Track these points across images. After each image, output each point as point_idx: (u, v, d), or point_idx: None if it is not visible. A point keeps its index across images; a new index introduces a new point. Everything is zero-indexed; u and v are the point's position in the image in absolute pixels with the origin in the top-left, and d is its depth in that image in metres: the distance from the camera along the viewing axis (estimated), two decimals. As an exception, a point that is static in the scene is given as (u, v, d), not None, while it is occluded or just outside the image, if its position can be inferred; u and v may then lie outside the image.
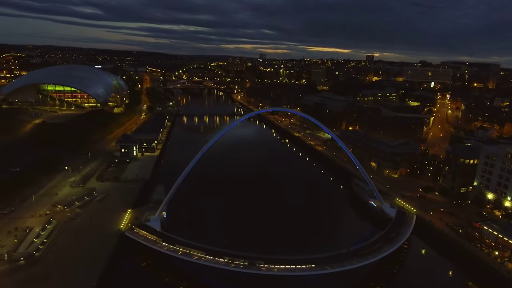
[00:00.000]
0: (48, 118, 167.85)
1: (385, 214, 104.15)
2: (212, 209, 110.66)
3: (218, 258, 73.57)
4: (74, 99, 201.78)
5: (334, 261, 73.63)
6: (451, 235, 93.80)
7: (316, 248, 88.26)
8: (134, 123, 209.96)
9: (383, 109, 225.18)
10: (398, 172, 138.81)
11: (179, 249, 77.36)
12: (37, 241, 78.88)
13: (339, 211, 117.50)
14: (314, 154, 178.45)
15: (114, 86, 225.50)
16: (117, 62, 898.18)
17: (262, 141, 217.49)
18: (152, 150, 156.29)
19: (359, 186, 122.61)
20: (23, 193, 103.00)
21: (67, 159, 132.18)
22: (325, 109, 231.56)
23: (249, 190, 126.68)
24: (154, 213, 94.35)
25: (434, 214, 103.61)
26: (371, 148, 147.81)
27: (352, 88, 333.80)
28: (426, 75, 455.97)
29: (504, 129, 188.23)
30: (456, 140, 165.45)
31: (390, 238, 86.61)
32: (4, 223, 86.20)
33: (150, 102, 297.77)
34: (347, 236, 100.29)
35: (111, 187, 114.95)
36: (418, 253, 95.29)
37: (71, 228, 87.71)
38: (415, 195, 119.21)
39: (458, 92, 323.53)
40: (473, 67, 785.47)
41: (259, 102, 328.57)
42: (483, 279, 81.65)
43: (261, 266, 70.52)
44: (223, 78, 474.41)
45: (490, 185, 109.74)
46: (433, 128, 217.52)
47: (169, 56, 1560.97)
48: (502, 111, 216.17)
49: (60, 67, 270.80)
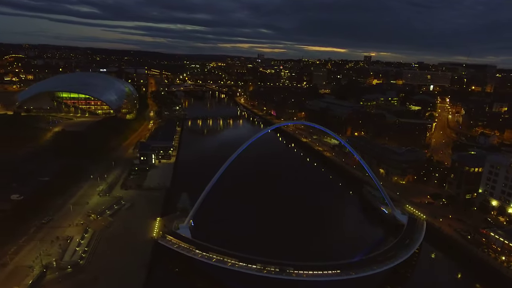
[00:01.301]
0: (66, 126, 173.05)
1: (397, 221, 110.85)
2: (233, 215, 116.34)
3: (251, 264, 79.73)
4: (87, 106, 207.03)
5: (357, 267, 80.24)
6: (460, 240, 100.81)
7: (337, 253, 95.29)
8: (145, 129, 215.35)
9: (387, 114, 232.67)
10: (406, 179, 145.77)
11: (213, 256, 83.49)
12: (79, 249, 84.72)
13: (353, 217, 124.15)
14: (323, 160, 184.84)
15: (126, 93, 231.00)
16: (116, 63, 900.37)
17: (269, 147, 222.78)
18: (168, 157, 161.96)
19: (371, 193, 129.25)
20: (55, 202, 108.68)
21: (90, 167, 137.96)
22: (330, 115, 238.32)
23: (263, 196, 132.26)
24: (182, 221, 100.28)
25: (443, 221, 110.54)
26: (379, 155, 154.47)
27: (354, 92, 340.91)
28: (425, 78, 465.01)
29: (504, 136, 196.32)
30: (459, 147, 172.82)
31: (405, 244, 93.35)
32: (45, 232, 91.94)
33: (157, 106, 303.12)
34: (363, 242, 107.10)
35: (136, 195, 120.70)
36: (429, 257, 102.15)
37: (107, 236, 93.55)
38: (423, 202, 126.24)
39: (458, 96, 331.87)
40: (470, 69, 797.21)
41: (263, 106, 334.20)
42: (490, 282, 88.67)
43: (292, 272, 76.88)
44: (226, 81, 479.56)
45: (495, 192, 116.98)
46: (435, 133, 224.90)
47: (166, 56, 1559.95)
48: (502, 117, 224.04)
49: (73, 75, 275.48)
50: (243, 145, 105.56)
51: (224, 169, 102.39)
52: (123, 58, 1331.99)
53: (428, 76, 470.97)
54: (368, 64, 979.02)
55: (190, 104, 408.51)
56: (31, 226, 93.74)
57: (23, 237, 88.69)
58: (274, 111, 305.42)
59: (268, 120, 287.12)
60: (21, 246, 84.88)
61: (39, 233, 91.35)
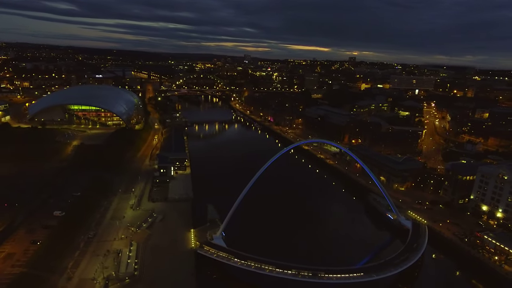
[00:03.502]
0: (83, 139, 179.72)
1: (402, 226, 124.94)
2: (254, 224, 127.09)
3: (287, 270, 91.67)
4: (98, 118, 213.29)
5: (377, 270, 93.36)
6: (458, 243, 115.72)
7: (353, 257, 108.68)
8: (153, 138, 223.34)
9: (381, 121, 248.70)
10: (405, 186, 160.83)
11: (251, 263, 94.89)
12: (131, 261, 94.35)
13: (362, 223, 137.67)
14: (325, 167, 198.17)
15: (135, 104, 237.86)
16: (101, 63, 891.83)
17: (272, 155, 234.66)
18: (184, 168, 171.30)
19: (376, 200, 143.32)
20: (94, 216, 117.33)
21: (114, 180, 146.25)
22: (328, 122, 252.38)
23: (276, 204, 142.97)
24: (214, 232, 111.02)
25: (442, 225, 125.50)
26: (381, 164, 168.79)
27: (346, 98, 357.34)
28: (411, 83, 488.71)
29: (488, 143, 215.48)
30: (449, 154, 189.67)
31: (414, 247, 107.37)
32: (95, 246, 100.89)
33: (158, 113, 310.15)
34: (374, 246, 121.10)
35: (165, 208, 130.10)
36: (431, 258, 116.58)
37: (150, 248, 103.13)
38: (423, 207, 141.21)
39: (443, 102, 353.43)
40: (450, 70, 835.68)
41: (260, 112, 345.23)
42: (485, 279, 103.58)
43: (323, 276, 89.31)
44: (220, 86, 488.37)
45: (485, 198, 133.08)
46: (425, 140, 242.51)
47: (150, 55, 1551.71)
48: (485, 124, 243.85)
49: (83, 88, 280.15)
50: (265, 165, 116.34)
51: (250, 185, 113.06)
52: (106, 57, 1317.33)
53: (414, 81, 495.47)
54: (353, 65, 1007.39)
55: (186, 108, 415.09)
56: (80, 240, 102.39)
57: (76, 251, 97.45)
58: (272, 117, 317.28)
59: (267, 126, 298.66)
60: (77, 259, 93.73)
61: (89, 247, 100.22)
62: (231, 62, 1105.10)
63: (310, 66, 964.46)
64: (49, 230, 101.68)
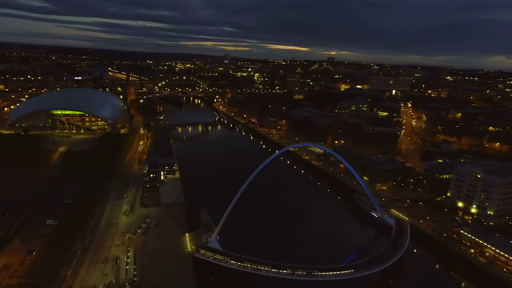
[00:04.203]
0: (68, 145, 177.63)
1: (386, 223, 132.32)
2: (245, 226, 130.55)
3: (282, 270, 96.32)
4: (82, 123, 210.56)
5: (366, 266, 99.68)
6: (437, 238, 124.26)
7: (343, 255, 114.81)
8: (138, 142, 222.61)
9: (362, 122, 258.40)
10: (387, 185, 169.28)
11: (248, 265, 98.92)
12: (129, 268, 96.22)
13: (349, 222, 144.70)
14: (311, 168, 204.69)
15: (120, 108, 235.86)
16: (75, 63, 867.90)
17: (256, 156, 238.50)
18: (173, 172, 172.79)
19: (361, 200, 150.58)
20: (88, 224, 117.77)
21: (105, 186, 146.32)
22: (312, 124, 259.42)
23: (262, 206, 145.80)
24: (209, 236, 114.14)
25: (423, 222, 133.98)
26: (364, 164, 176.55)
27: (328, 99, 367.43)
28: (388, 84, 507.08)
29: (462, 142, 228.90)
30: (426, 154, 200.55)
31: (398, 244, 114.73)
32: (92, 253, 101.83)
33: (141, 116, 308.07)
34: (361, 242, 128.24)
35: (158, 213, 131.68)
36: (412, 253, 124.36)
37: (147, 254, 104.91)
38: (404, 205, 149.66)
39: (419, 102, 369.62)
40: (424, 71, 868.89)
41: (244, 113, 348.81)
42: (462, 270, 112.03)
43: (317, 274, 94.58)
44: (202, 87, 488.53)
45: (461, 196, 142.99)
46: (403, 139, 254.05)
47: (127, 54, 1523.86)
48: (458, 124, 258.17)
49: (66, 92, 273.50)
50: (257, 169, 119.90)
51: (243, 189, 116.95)
52: (81, 56, 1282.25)
53: (391, 82, 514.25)
54: (332, 65, 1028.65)
55: (168, 110, 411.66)
56: (76, 248, 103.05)
57: (74, 259, 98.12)
58: (256, 119, 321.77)
59: (252, 128, 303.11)
60: (76, 268, 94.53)
61: (86, 254, 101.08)
62: (211, 62, 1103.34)
63: (290, 66, 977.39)
64: (44, 240, 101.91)
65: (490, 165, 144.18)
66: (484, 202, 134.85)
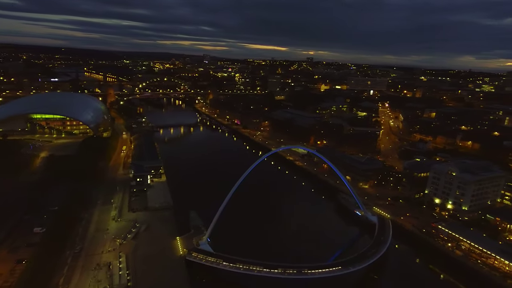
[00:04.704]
0: (50, 150, 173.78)
1: (369, 221, 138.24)
2: (233, 227, 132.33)
3: (273, 269, 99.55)
4: (63, 127, 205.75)
5: (353, 262, 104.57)
6: (417, 233, 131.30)
7: (330, 252, 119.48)
8: (121, 145, 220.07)
9: (343, 123, 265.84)
10: (368, 184, 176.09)
11: (240, 266, 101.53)
12: (122, 273, 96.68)
13: (334, 221, 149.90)
14: (295, 168, 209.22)
15: (102, 111, 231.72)
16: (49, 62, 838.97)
17: (244, 157, 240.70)
18: (159, 176, 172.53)
19: (345, 199, 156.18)
20: (77, 230, 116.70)
21: (91, 192, 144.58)
22: (295, 124, 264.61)
23: (249, 207, 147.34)
24: (200, 238, 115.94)
25: (403, 218, 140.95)
26: (347, 164, 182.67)
27: (309, 100, 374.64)
28: (366, 84, 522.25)
29: (437, 141, 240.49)
30: (404, 153, 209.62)
31: (382, 240, 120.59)
32: (83, 261, 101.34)
33: (122, 119, 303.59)
34: (346, 240, 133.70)
35: (147, 217, 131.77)
36: (394, 248, 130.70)
37: (139, 258, 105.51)
38: (385, 203, 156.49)
39: (395, 102, 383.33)
40: (399, 71, 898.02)
41: (226, 115, 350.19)
42: (440, 263, 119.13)
43: (307, 272, 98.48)
44: (183, 88, 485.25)
45: (437, 192, 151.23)
46: (382, 139, 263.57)
47: (103, 53, 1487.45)
48: (433, 124, 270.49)
49: (46, 95, 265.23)
50: (245, 173, 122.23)
51: (233, 191, 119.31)
52: (54, 56, 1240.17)
53: (369, 82, 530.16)
54: (311, 65, 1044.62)
55: (148, 112, 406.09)
56: (66, 256, 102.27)
57: (65, 266, 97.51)
58: (238, 120, 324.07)
59: (235, 129, 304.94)
60: (68, 275, 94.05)
61: (78, 261, 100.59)
62: (190, 62, 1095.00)
63: (270, 66, 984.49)
64: (33, 248, 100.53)
65: (463, 163, 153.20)
66: (459, 198, 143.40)
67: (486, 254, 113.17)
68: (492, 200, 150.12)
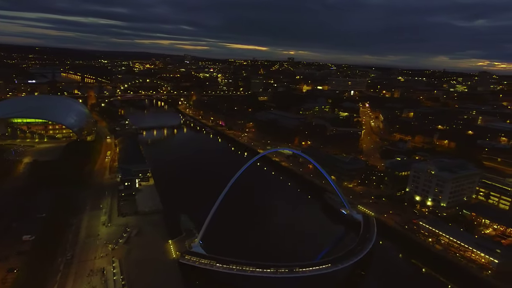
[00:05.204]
0: (33, 155, 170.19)
1: (354, 219, 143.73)
2: (223, 229, 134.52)
3: (266, 269, 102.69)
4: (45, 131, 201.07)
5: (341, 260, 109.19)
6: (400, 229, 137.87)
7: (318, 250, 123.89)
8: (106, 149, 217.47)
9: (326, 123, 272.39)
10: (352, 183, 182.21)
11: (233, 267, 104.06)
12: (117, 278, 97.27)
13: (321, 219, 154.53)
14: (281, 169, 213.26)
15: (86, 114, 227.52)
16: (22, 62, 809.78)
17: (231, 159, 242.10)
18: (147, 179, 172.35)
19: (331, 198, 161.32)
20: (67, 237, 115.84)
21: (79, 197, 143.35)
22: (279, 126, 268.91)
23: (236, 208, 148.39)
24: (192, 241, 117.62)
25: (387, 216, 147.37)
26: (331, 164, 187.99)
27: (292, 101, 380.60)
28: (347, 84, 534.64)
29: (415, 140, 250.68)
30: (386, 152, 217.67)
31: (367, 237, 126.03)
32: (76, 267, 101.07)
33: (104, 121, 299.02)
34: (334, 237, 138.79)
35: (137, 221, 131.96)
36: (379, 245, 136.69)
37: (132, 263, 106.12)
38: (369, 201, 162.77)
39: (375, 102, 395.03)
40: (378, 71, 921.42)
41: (210, 116, 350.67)
42: (422, 257, 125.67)
43: (299, 270, 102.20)
44: (165, 89, 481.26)
45: (418, 190, 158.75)
46: (364, 139, 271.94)
47: (79, 53, 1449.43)
48: (411, 124, 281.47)
49: (26, 98, 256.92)
50: (235, 175, 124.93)
51: (224, 194, 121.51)
52: (28, 55, 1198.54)
53: (349, 83, 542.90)
54: (292, 66, 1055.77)
55: (130, 113, 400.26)
56: (58, 263, 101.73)
57: (58, 274, 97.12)
58: (223, 122, 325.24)
59: (220, 131, 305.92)
60: (61, 282, 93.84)
61: (70, 268, 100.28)
62: (171, 62, 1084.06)
63: (252, 66, 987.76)
64: (24, 256, 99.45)
65: (441, 162, 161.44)
66: (438, 195, 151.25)
67: (463, 247, 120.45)
68: (468, 196, 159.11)
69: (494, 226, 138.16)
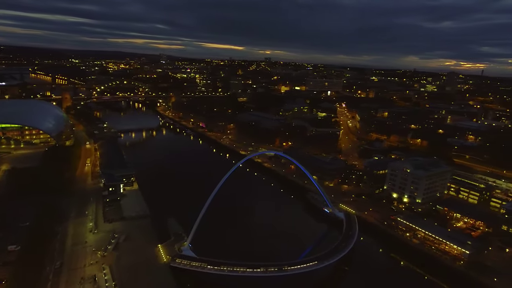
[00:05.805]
0: (11, 162, 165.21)
1: (337, 217, 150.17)
2: (211, 231, 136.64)
3: (256, 269, 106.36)
4: (22, 136, 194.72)
5: (327, 257, 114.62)
6: (379, 226, 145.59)
7: (303, 249, 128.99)
8: (86, 154, 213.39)
9: (306, 124, 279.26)
10: (333, 182, 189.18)
11: (224, 268, 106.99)
12: (109, 285, 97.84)
13: (305, 219, 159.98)
14: (263, 170, 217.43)
15: (64, 119, 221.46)
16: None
17: (213, 161, 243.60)
18: (131, 184, 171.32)
19: (314, 197, 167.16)
20: (54, 245, 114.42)
21: (62, 204, 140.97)
22: (260, 127, 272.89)
23: (221, 210, 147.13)
24: (181, 244, 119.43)
25: (367, 213, 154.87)
26: (313, 164, 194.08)
27: (271, 101, 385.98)
28: (324, 85, 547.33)
29: (391, 139, 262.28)
30: (363, 152, 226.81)
31: (350, 234, 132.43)
32: (66, 275, 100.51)
33: (81, 125, 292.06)
34: (317, 235, 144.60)
35: (124, 227, 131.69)
36: (359, 240, 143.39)
37: (123, 269, 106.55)
38: (350, 200, 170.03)
39: (352, 102, 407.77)
40: (353, 71, 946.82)
41: (190, 118, 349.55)
42: (400, 251, 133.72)
43: (287, 269, 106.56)
44: (142, 90, 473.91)
45: (395, 188, 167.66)
46: (342, 139, 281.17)
47: (47, 51, 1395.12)
48: (386, 124, 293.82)
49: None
50: (223, 178, 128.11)
51: (212, 197, 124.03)
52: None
53: (326, 83, 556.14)
54: (269, 66, 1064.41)
55: (107, 116, 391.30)
56: (47, 272, 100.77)
57: (48, 283, 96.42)
58: (203, 123, 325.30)
59: (201, 133, 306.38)
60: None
61: (60, 277, 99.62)
62: (146, 62, 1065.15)
63: (229, 66, 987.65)
64: (10, 267, 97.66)
65: (416, 160, 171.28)
66: (413, 192, 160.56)
67: (438, 240, 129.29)
68: (441, 192, 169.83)
69: (464, 219, 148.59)
